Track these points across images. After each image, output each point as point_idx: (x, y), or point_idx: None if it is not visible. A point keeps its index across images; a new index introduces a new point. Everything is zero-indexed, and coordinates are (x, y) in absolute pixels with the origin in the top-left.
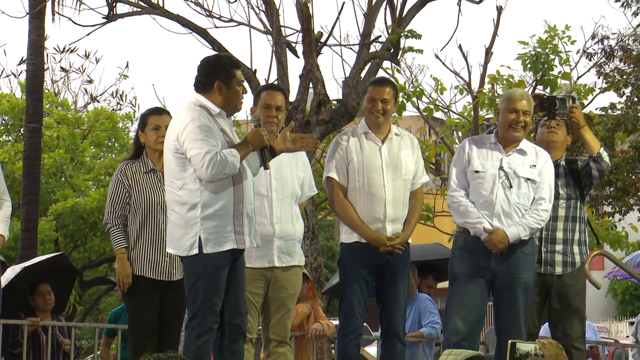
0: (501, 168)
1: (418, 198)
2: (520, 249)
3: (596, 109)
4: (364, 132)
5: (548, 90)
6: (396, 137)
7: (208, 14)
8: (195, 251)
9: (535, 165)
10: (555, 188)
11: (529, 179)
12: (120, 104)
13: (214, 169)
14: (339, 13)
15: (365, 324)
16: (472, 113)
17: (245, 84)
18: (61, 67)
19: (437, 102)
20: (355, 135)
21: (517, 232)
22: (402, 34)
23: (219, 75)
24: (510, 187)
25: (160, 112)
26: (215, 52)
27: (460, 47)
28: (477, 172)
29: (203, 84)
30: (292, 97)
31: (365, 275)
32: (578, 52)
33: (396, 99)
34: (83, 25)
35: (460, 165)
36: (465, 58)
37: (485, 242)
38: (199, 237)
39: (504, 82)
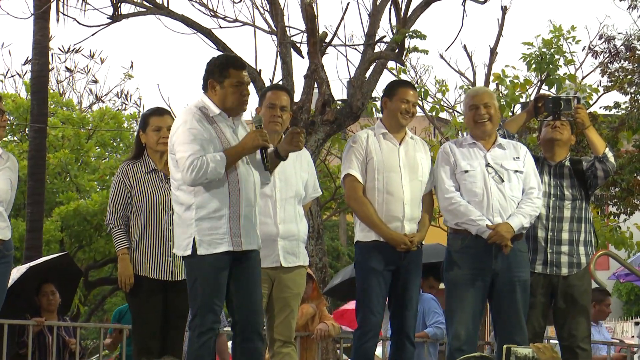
0: (488, 164)
1: (429, 201)
2: (517, 247)
3: (600, 107)
4: (382, 133)
5: (554, 89)
6: (411, 141)
7: (213, 14)
8: (189, 252)
9: (518, 157)
10: (560, 189)
11: (517, 171)
12: (125, 104)
13: (193, 172)
14: (344, 13)
15: None
16: None
17: (249, 85)
18: (66, 67)
19: (442, 103)
20: (373, 135)
21: (519, 222)
22: (406, 34)
23: (212, 74)
24: (502, 181)
25: (161, 113)
26: (220, 52)
27: (465, 47)
28: (466, 171)
29: (204, 82)
30: (297, 97)
31: (384, 272)
32: (584, 49)
33: None
34: (88, 26)
35: (448, 167)
36: (470, 58)
37: (491, 237)
38: (194, 238)
39: (509, 82)
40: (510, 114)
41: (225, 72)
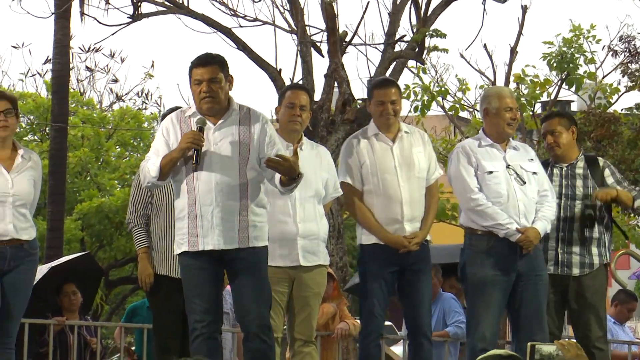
0: (508, 166)
1: (433, 193)
2: (537, 247)
3: (622, 109)
4: (374, 134)
5: (573, 89)
6: (406, 135)
7: (233, 13)
8: None
9: (532, 159)
10: (572, 189)
11: (534, 173)
12: (146, 104)
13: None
14: (364, 12)
15: (390, 323)
16: None
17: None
18: (86, 67)
19: (462, 102)
20: (365, 138)
21: (544, 227)
22: (427, 33)
23: None
24: (524, 183)
25: None
26: (240, 52)
27: (485, 46)
28: (490, 172)
29: None
30: (317, 96)
31: (386, 275)
32: (603, 48)
33: (401, 97)
34: (108, 25)
35: (471, 167)
36: (490, 57)
37: (520, 242)
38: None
39: (529, 81)
40: (530, 112)
41: (190, 73)
